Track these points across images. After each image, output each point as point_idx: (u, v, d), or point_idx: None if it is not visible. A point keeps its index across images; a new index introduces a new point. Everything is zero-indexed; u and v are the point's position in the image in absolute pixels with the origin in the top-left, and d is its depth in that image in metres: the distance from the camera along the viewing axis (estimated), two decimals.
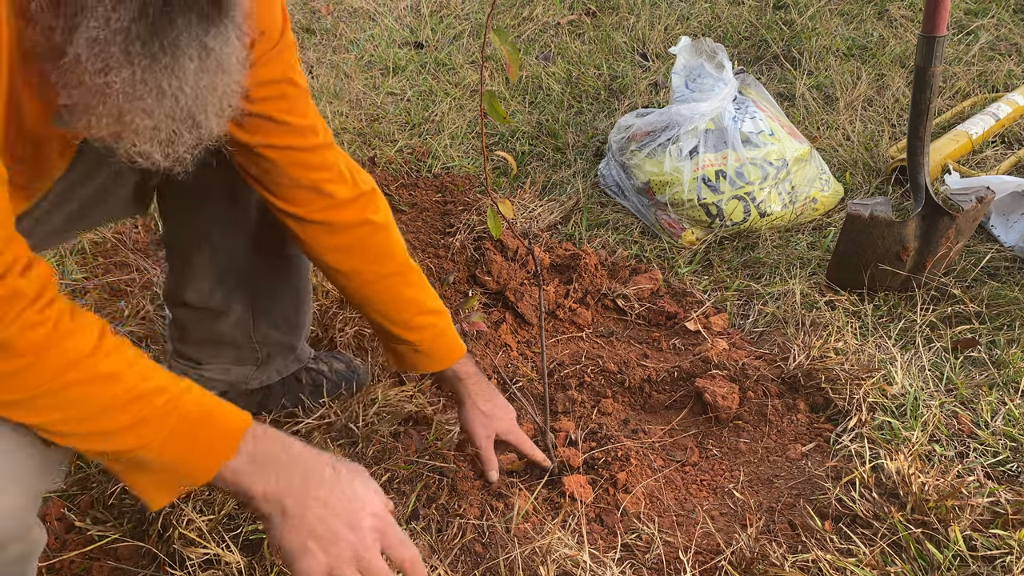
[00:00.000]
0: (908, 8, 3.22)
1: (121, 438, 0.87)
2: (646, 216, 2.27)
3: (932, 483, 1.37)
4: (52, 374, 0.84)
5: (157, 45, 0.79)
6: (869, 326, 1.83)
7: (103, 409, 0.86)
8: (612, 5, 3.49)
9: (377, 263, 1.28)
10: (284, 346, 1.55)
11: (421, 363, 1.38)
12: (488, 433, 1.41)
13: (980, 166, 2.37)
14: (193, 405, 0.91)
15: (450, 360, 1.38)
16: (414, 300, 1.33)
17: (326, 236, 1.24)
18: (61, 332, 0.84)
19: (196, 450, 0.91)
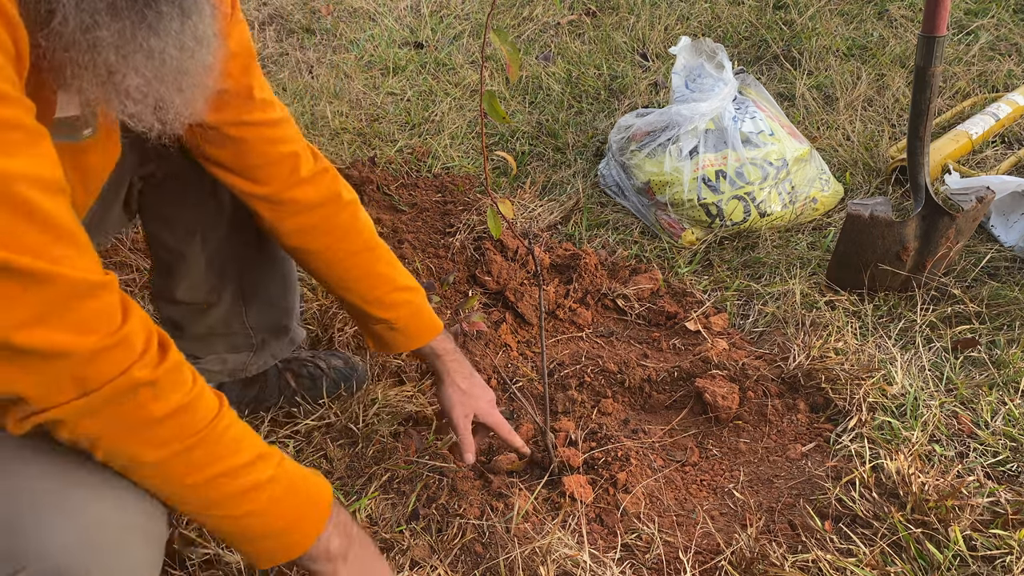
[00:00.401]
0: (908, 8, 3.22)
1: (235, 502, 0.91)
2: (646, 216, 2.27)
3: (932, 483, 1.37)
4: (184, 438, 0.87)
5: (141, 1, 0.80)
6: (869, 326, 1.83)
7: (224, 474, 0.90)
8: (612, 5, 3.49)
9: (346, 240, 1.28)
10: (277, 328, 1.54)
11: (399, 341, 1.37)
12: (466, 412, 1.40)
13: (980, 166, 2.37)
14: (294, 471, 0.97)
15: (427, 337, 1.37)
16: (386, 277, 1.32)
17: (295, 215, 1.23)
18: (194, 395, 0.87)
19: (295, 520, 0.96)
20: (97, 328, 0.79)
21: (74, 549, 0.81)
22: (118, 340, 0.80)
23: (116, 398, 0.81)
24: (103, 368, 0.80)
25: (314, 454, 1.54)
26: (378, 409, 1.61)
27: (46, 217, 0.75)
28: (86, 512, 0.83)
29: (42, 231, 0.74)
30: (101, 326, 0.79)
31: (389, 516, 1.41)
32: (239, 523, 0.92)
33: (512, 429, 1.46)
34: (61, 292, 0.76)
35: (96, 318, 0.79)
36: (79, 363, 0.78)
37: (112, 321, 0.81)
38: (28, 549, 0.79)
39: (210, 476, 0.88)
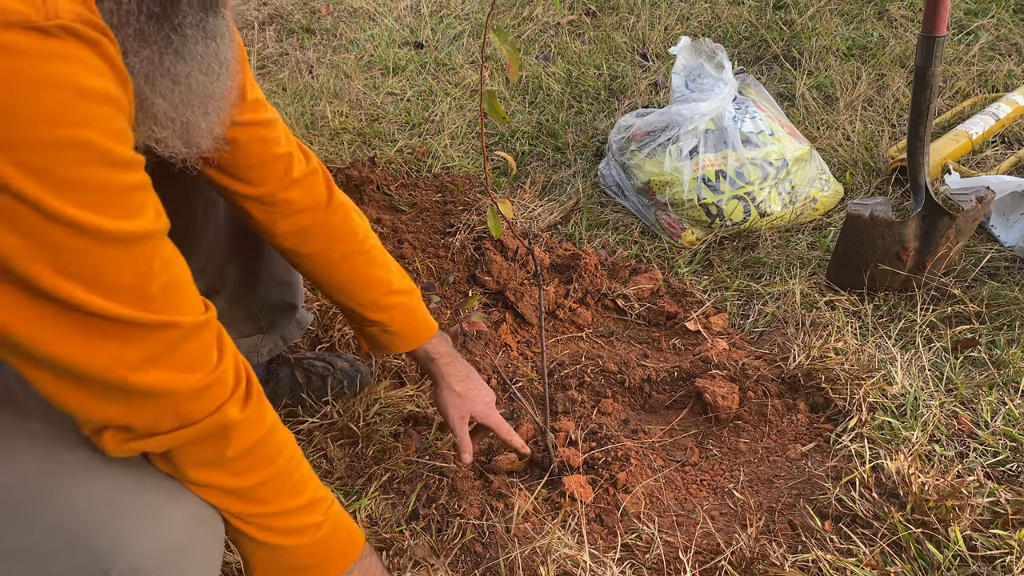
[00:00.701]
0: (908, 8, 3.22)
1: (297, 516, 0.98)
2: (646, 216, 2.27)
3: (932, 483, 1.37)
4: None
5: (167, 26, 0.81)
6: (869, 326, 1.83)
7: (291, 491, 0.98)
8: (612, 5, 3.49)
9: (340, 242, 1.27)
10: (284, 307, 1.53)
11: (393, 344, 1.36)
12: (462, 415, 1.39)
13: (980, 166, 2.37)
14: (337, 518, 1.04)
15: (422, 339, 1.37)
16: (380, 279, 1.31)
17: (289, 217, 1.22)
18: (269, 427, 0.94)
19: (324, 560, 1.03)
20: (200, 367, 0.85)
21: (158, 551, 0.86)
22: (216, 378, 0.87)
23: (209, 432, 0.87)
24: (202, 404, 0.86)
25: (314, 454, 1.54)
26: (379, 409, 1.61)
27: (165, 267, 0.81)
28: (165, 514, 0.88)
29: (163, 286, 0.80)
30: (204, 365, 0.86)
31: (389, 516, 1.41)
32: (275, 552, 0.98)
33: (511, 429, 1.46)
34: (173, 337, 0.82)
35: (200, 357, 0.85)
36: (183, 400, 0.84)
37: (211, 359, 0.87)
38: (114, 551, 0.83)
39: (270, 512, 0.95)
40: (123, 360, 0.78)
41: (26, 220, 0.69)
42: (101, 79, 0.71)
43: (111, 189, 0.74)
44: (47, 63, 0.67)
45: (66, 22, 0.67)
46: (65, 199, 0.70)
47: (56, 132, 0.68)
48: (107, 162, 0.72)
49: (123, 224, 0.75)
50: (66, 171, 0.70)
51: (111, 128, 0.72)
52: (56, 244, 0.71)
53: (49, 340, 0.75)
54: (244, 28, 3.51)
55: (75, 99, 0.69)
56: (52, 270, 0.72)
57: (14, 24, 0.64)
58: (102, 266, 0.75)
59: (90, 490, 0.85)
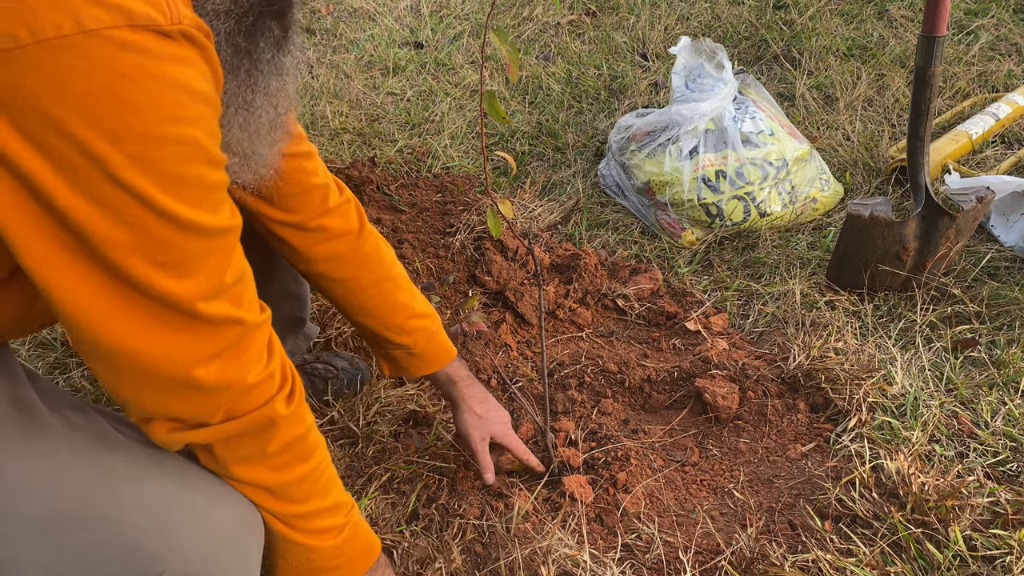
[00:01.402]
0: (908, 8, 3.22)
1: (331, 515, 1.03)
2: (646, 216, 2.27)
3: (932, 483, 1.37)
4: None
5: (248, 61, 0.85)
6: (869, 326, 1.83)
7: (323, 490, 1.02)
8: (612, 5, 3.49)
9: (368, 269, 1.30)
10: (292, 321, 1.55)
11: (415, 366, 1.39)
12: (483, 436, 1.42)
13: (980, 166, 2.37)
14: (358, 522, 1.09)
15: (443, 361, 1.40)
16: (406, 304, 1.35)
17: (322, 244, 1.25)
18: (308, 427, 0.98)
19: (345, 564, 1.08)
20: (256, 364, 0.89)
21: (205, 551, 0.89)
22: (268, 375, 0.90)
23: (255, 425, 0.90)
24: (253, 398, 0.89)
25: None
26: (379, 409, 1.61)
27: (238, 264, 0.85)
28: (210, 514, 0.91)
29: (235, 279, 0.84)
30: (258, 362, 0.89)
31: (389, 516, 1.41)
32: (303, 552, 1.02)
33: (527, 449, 1.47)
34: (237, 333, 0.85)
35: (256, 355, 0.89)
36: (236, 394, 0.88)
37: (263, 357, 0.90)
38: (166, 554, 0.87)
39: (301, 513, 0.99)
40: (191, 355, 0.82)
41: (128, 209, 0.73)
42: (207, 83, 0.75)
43: (205, 185, 0.78)
44: (167, 64, 0.71)
45: (186, 27, 0.72)
46: (166, 191, 0.74)
47: (167, 128, 0.72)
48: (205, 160, 0.77)
49: (212, 218, 0.79)
50: (171, 166, 0.74)
51: (210, 128, 0.77)
52: (152, 233, 0.75)
53: (121, 330, 0.78)
54: None
55: (187, 99, 0.73)
56: (143, 258, 0.75)
57: (141, 26, 0.69)
58: (190, 256, 0.78)
59: (139, 497, 0.88)
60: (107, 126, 0.69)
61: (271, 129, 0.93)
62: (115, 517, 0.86)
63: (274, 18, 0.87)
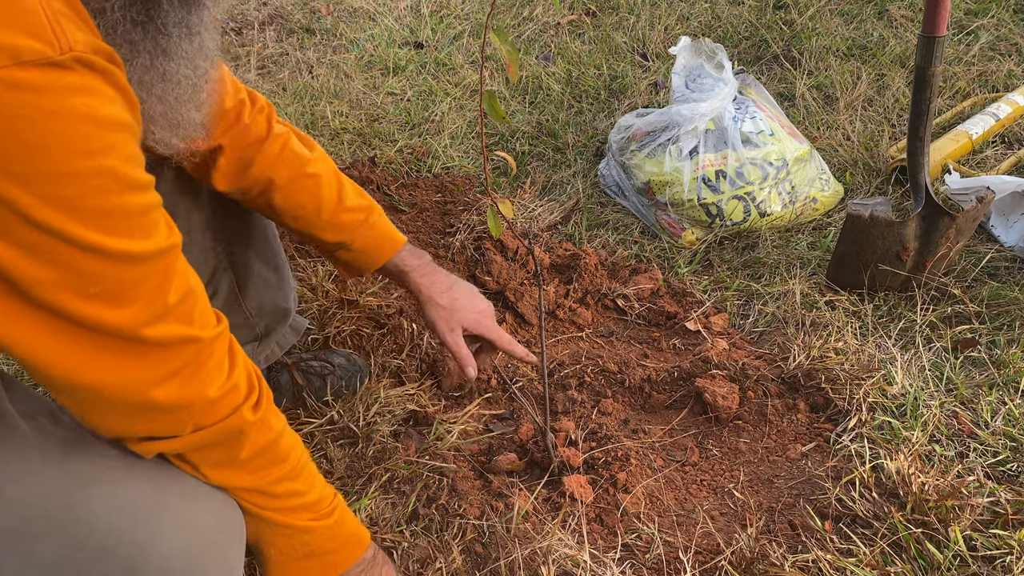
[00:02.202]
0: (908, 8, 3.22)
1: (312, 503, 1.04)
2: (646, 216, 2.27)
3: (932, 483, 1.37)
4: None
5: (153, 29, 0.82)
6: (869, 326, 1.83)
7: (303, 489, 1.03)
8: (612, 5, 3.49)
9: (284, 167, 1.27)
10: (278, 311, 1.52)
11: (362, 261, 1.36)
12: (451, 327, 1.37)
13: (980, 166, 2.37)
14: (344, 511, 1.10)
15: (388, 252, 1.35)
16: (330, 198, 1.31)
17: (232, 161, 1.22)
18: (280, 429, 0.99)
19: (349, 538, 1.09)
20: (217, 377, 0.88)
21: (183, 551, 0.88)
22: (231, 387, 0.90)
23: (225, 434, 0.91)
24: (219, 410, 0.90)
25: (315, 454, 1.54)
26: (379, 409, 1.61)
27: (181, 281, 0.83)
28: (186, 514, 0.90)
29: (180, 298, 0.82)
30: (219, 376, 0.89)
31: (389, 516, 1.41)
32: (295, 536, 1.02)
33: (512, 339, 1.42)
34: (191, 352, 0.84)
35: (216, 369, 0.89)
36: (200, 410, 0.88)
37: (223, 368, 0.89)
38: (142, 557, 0.86)
39: (286, 507, 1.00)
40: (145, 378, 0.81)
41: (50, 249, 0.71)
42: (115, 107, 0.73)
43: (130, 212, 0.76)
44: (65, 97, 0.68)
45: (79, 53, 0.69)
46: (88, 226, 0.72)
47: (79, 163, 0.70)
48: (125, 187, 0.75)
49: (142, 244, 0.77)
50: (89, 200, 0.72)
51: (126, 153, 0.75)
52: (81, 269, 0.73)
53: (70, 364, 0.77)
54: (244, 28, 3.52)
55: (94, 129, 0.71)
56: (75, 294, 0.74)
57: (29, 62, 0.66)
58: (124, 285, 0.77)
59: (112, 500, 0.87)
60: (13, 170, 0.67)
61: (195, 92, 0.90)
62: (87, 521, 0.85)
63: None
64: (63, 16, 0.70)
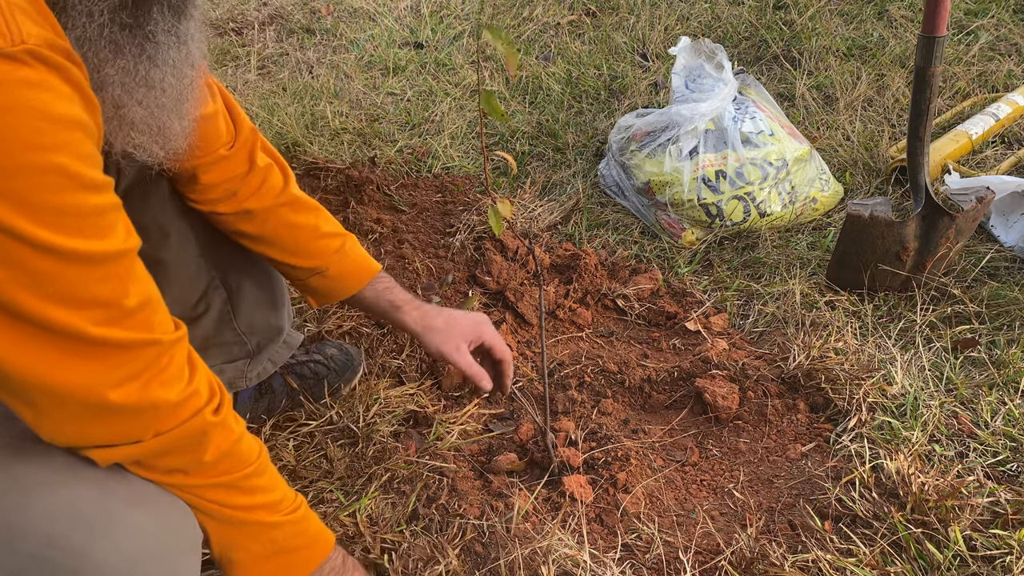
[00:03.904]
0: (908, 8, 3.22)
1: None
2: (646, 216, 2.27)
3: (932, 483, 1.37)
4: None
5: (140, 34, 0.82)
6: (869, 326, 1.83)
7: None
8: (612, 5, 3.49)
9: (258, 198, 1.27)
10: (271, 329, 1.51)
11: (336, 289, 1.35)
12: (456, 345, 1.37)
13: (980, 166, 2.37)
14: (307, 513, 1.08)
15: (364, 278, 1.35)
16: (305, 225, 1.31)
17: (208, 189, 1.22)
18: (239, 433, 0.97)
19: (316, 536, 1.08)
20: (177, 382, 0.87)
21: (123, 560, 0.85)
22: (191, 392, 0.89)
23: (188, 437, 0.89)
24: (180, 413, 0.88)
25: (314, 454, 1.54)
26: (378, 409, 1.61)
27: (138, 285, 0.82)
28: (129, 522, 0.87)
29: (138, 303, 0.81)
30: (179, 382, 0.88)
31: (389, 516, 1.41)
32: (262, 532, 1.00)
33: (508, 353, 1.43)
34: (151, 355, 0.83)
35: (176, 374, 0.87)
36: (162, 414, 0.86)
37: (184, 373, 0.88)
38: (78, 566, 0.82)
39: (251, 504, 0.98)
40: (103, 380, 0.80)
41: (2, 246, 0.70)
42: (70, 104, 0.72)
43: (83, 212, 0.75)
44: (17, 90, 0.67)
45: (32, 47, 0.68)
46: (39, 223, 0.71)
47: (28, 158, 0.69)
48: (78, 185, 0.73)
49: (96, 244, 0.76)
50: (39, 196, 0.71)
51: (80, 152, 0.73)
52: (32, 268, 0.72)
53: (28, 365, 0.75)
54: (244, 28, 3.52)
55: (46, 125, 0.70)
56: (31, 293, 0.73)
57: None
58: (79, 286, 0.76)
59: (49, 505, 0.84)
60: None
61: (178, 101, 0.90)
62: (21, 526, 0.81)
63: None
64: (18, 9, 0.69)
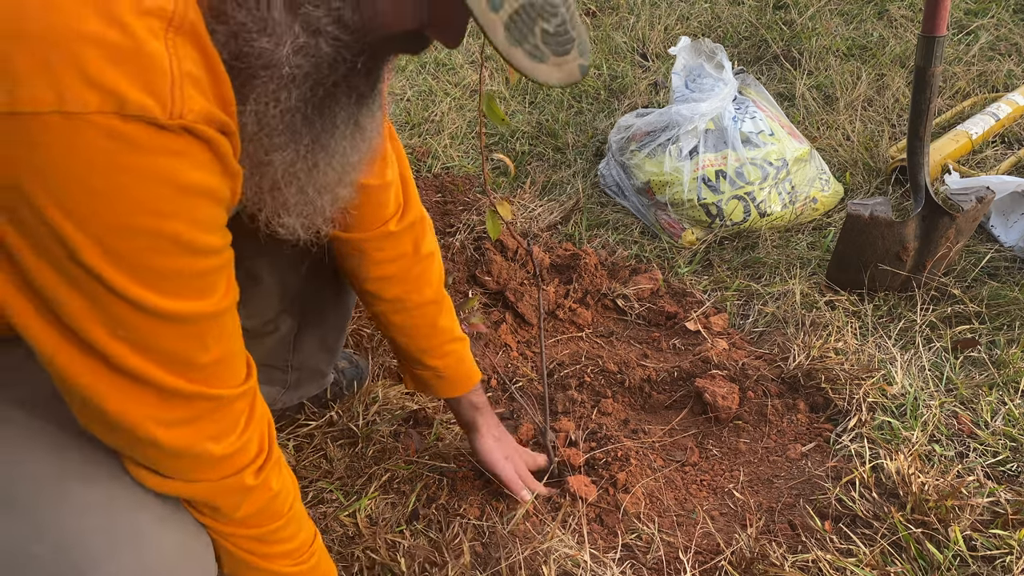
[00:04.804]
0: (908, 8, 3.22)
1: None
2: (646, 216, 2.27)
3: (932, 483, 1.37)
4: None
5: (320, 124, 0.81)
6: (869, 326, 1.83)
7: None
8: (612, 5, 3.49)
9: (417, 292, 1.29)
10: (316, 373, 1.53)
11: (442, 388, 1.39)
12: (506, 454, 1.42)
13: (980, 166, 2.37)
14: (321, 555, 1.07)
15: (469, 385, 1.39)
16: (445, 329, 1.34)
17: (373, 266, 1.24)
18: (276, 491, 0.95)
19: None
20: (229, 434, 0.86)
21: (134, 572, 0.84)
22: (241, 445, 0.87)
23: (222, 494, 0.88)
24: (222, 468, 0.87)
25: (314, 454, 1.54)
26: (378, 409, 1.61)
27: (219, 342, 0.81)
28: (150, 537, 0.86)
29: (213, 360, 0.81)
30: (232, 432, 0.86)
31: (389, 516, 1.41)
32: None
33: (539, 460, 1.48)
34: (210, 407, 0.82)
35: (230, 427, 0.86)
36: (202, 463, 0.85)
37: (238, 426, 0.87)
38: (91, 565, 0.81)
39: (273, 552, 0.98)
40: (156, 417, 0.79)
41: (89, 287, 0.70)
42: (204, 173, 0.72)
43: (185, 274, 0.75)
44: (153, 156, 0.67)
45: (188, 123, 0.68)
46: (133, 280, 0.71)
47: (140, 220, 0.69)
48: (186, 251, 0.73)
49: (188, 305, 0.76)
50: (142, 257, 0.71)
51: (198, 218, 0.73)
52: (112, 311, 0.72)
53: (87, 382, 0.76)
54: None
55: (170, 193, 0.70)
56: (105, 331, 0.73)
57: (132, 116, 0.65)
58: (155, 338, 0.76)
59: (85, 498, 0.84)
60: (74, 209, 0.67)
61: (336, 187, 0.89)
62: (54, 514, 0.82)
63: (364, 76, 0.81)
64: (190, 80, 0.68)
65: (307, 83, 0.77)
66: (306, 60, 0.76)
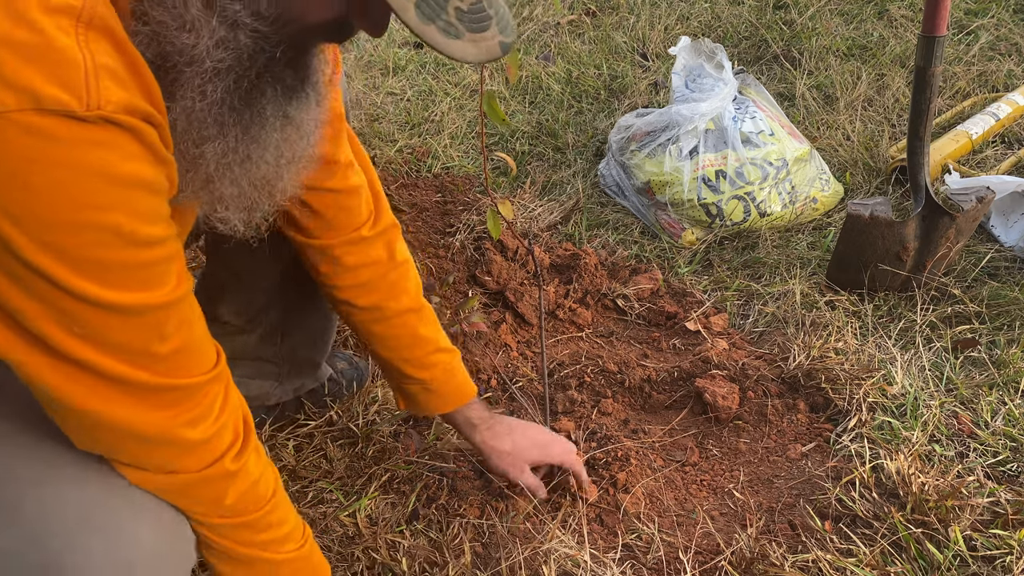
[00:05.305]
0: (908, 8, 3.22)
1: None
2: (646, 216, 2.27)
3: (932, 483, 1.37)
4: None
5: (248, 115, 0.81)
6: (869, 326, 1.83)
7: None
8: (612, 5, 3.49)
9: (395, 300, 1.27)
10: (308, 364, 1.52)
11: (431, 403, 1.35)
12: (521, 468, 1.38)
13: (980, 166, 2.37)
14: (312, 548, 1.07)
15: (461, 400, 1.35)
16: (428, 338, 1.31)
17: (347, 272, 1.22)
18: (258, 474, 0.95)
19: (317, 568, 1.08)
20: (203, 420, 0.86)
21: (107, 564, 0.84)
22: (216, 431, 0.88)
23: (205, 482, 0.89)
24: (201, 456, 0.87)
25: (314, 454, 1.54)
26: (378, 409, 1.61)
27: (178, 330, 0.81)
28: (125, 530, 0.86)
29: (173, 349, 0.81)
30: (207, 418, 0.86)
31: (389, 516, 1.41)
32: (271, 569, 1.00)
33: (580, 464, 1.42)
34: (177, 396, 0.83)
35: (205, 411, 0.86)
36: (183, 450, 0.86)
37: (213, 411, 0.87)
38: (63, 558, 0.81)
39: (261, 540, 0.97)
40: (127, 410, 0.80)
41: (37, 286, 0.71)
42: (136, 163, 0.72)
43: (130, 266, 0.75)
44: (81, 149, 0.68)
45: (107, 113, 0.68)
46: (79, 274, 0.72)
47: (78, 215, 0.70)
48: (129, 243, 0.74)
49: (137, 297, 0.76)
50: (85, 251, 0.71)
51: (138, 209, 0.74)
52: (64, 309, 0.73)
53: (53, 381, 0.76)
54: None
55: (104, 185, 0.70)
56: (60, 329, 0.74)
57: (49, 111, 0.65)
58: (109, 331, 0.76)
59: (59, 492, 0.84)
60: (12, 210, 0.67)
61: (273, 181, 0.89)
62: (28, 508, 0.82)
63: (288, 66, 0.82)
64: (106, 72, 0.68)
65: (230, 76, 0.78)
66: (227, 53, 0.77)
